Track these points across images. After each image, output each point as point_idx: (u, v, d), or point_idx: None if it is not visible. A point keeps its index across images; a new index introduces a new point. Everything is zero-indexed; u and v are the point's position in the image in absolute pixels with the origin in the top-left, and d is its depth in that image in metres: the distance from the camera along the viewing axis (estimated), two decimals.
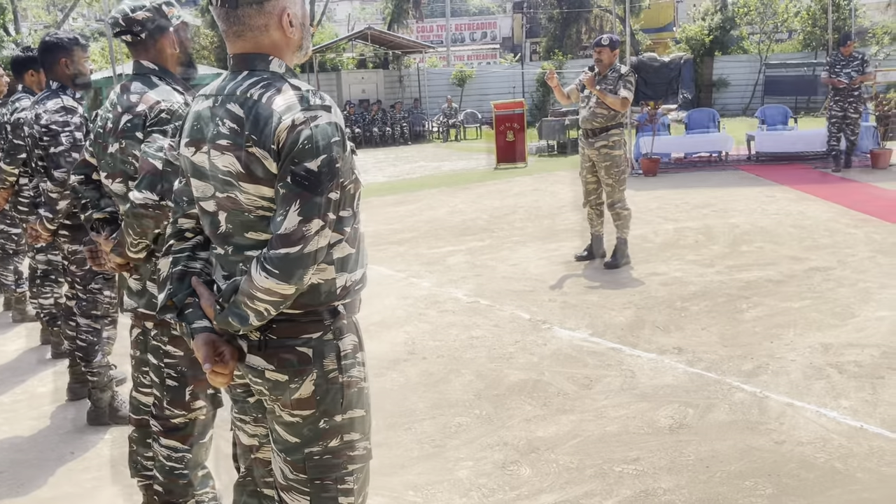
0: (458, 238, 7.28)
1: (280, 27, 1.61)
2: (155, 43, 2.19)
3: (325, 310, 1.64)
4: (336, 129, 1.53)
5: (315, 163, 1.49)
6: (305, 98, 1.52)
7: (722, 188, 9.31)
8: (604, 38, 5.76)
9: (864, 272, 5.28)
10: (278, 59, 1.62)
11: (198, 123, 1.64)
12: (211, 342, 1.61)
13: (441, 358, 4.11)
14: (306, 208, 1.48)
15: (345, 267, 1.66)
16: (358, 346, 1.73)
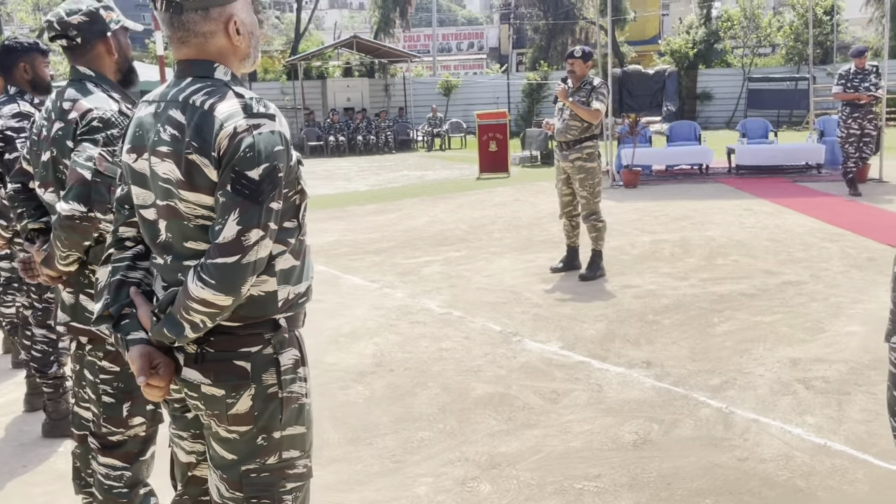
0: (435, 248, 7.24)
1: (226, 34, 1.58)
2: (91, 48, 2.14)
3: (266, 323, 1.60)
4: (280, 138, 1.51)
5: (256, 171, 1.46)
6: (249, 106, 1.49)
7: (701, 201, 9.33)
8: (576, 49, 5.76)
9: (837, 287, 5.28)
10: (224, 67, 1.59)
11: (139, 130, 1.60)
12: (146, 354, 1.57)
13: (408, 370, 4.06)
14: (246, 217, 1.45)
15: (288, 279, 1.62)
16: (300, 360, 1.68)
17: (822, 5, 23.56)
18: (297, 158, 1.60)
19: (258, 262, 1.49)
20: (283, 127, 1.52)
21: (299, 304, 1.66)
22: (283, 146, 1.50)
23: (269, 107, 1.52)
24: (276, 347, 1.61)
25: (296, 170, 1.58)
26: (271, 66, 27.30)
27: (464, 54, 38.27)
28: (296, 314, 1.66)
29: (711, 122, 23.48)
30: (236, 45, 1.60)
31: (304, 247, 1.68)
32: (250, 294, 1.55)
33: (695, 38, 25.25)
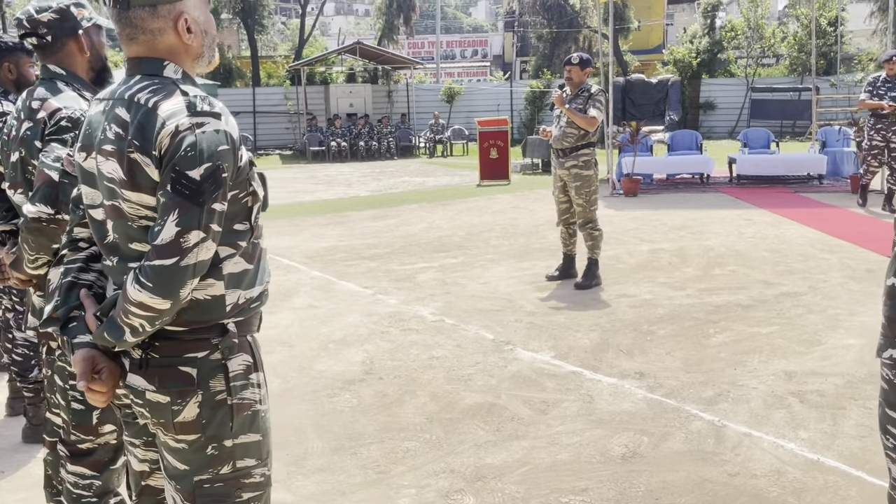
0: (431, 255, 7.19)
1: (176, 32, 1.54)
2: (62, 46, 2.10)
3: (213, 328, 1.55)
4: (225, 137, 1.46)
5: (197, 171, 1.42)
6: (193, 104, 1.45)
7: (700, 210, 9.28)
8: (574, 56, 5.72)
9: (835, 298, 5.22)
10: (174, 65, 1.55)
11: (89, 128, 1.57)
12: (89, 358, 1.53)
13: (398, 378, 4.00)
14: (185, 218, 1.41)
15: (238, 283, 1.58)
16: (253, 366, 1.63)
17: (826, 16, 23.53)
18: (249, 159, 1.56)
19: (198, 265, 1.45)
20: (229, 126, 1.48)
21: (251, 308, 1.62)
22: (229, 146, 1.47)
23: (214, 105, 1.48)
24: (224, 353, 1.56)
25: (247, 171, 1.54)
26: (275, 72, 27.36)
27: (468, 61, 38.31)
28: (248, 319, 1.62)
29: (714, 132, 23.43)
30: (188, 44, 1.56)
31: (259, 250, 1.64)
32: (195, 298, 1.52)
33: (698, 47, 25.22)
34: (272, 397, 3.75)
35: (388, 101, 24.49)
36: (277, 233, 8.69)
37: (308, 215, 10.06)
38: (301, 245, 7.86)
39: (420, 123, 23.19)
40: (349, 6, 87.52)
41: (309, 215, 10.06)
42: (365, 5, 74.88)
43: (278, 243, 8.00)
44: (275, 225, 9.29)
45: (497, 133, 13.55)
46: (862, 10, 26.83)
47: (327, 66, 25.51)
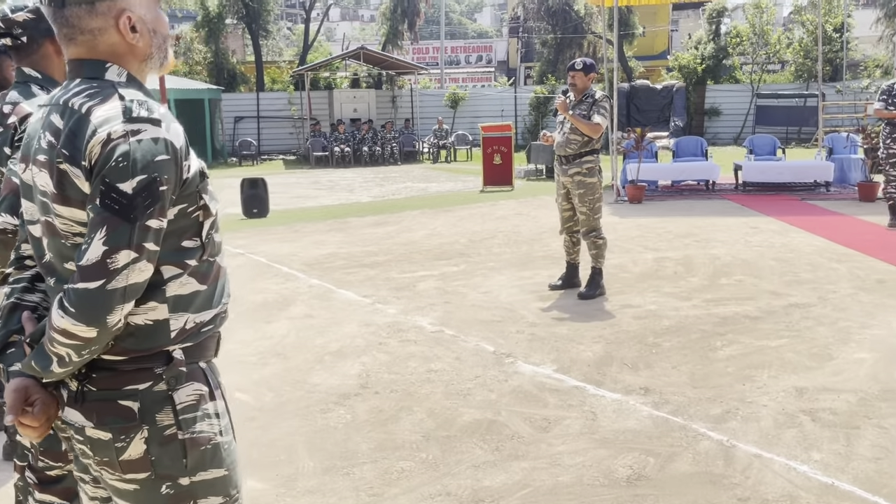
0: (432, 262, 7.06)
1: (118, 31, 1.40)
2: (38, 48, 1.98)
3: (156, 356, 1.41)
4: (165, 146, 1.32)
5: (129, 184, 1.27)
6: (129, 108, 1.32)
7: (706, 217, 9.14)
8: (577, 62, 5.60)
9: (845, 310, 5.08)
10: (117, 67, 1.42)
11: (28, 138, 1.44)
12: (23, 388, 1.39)
13: (394, 393, 3.87)
14: (114, 236, 1.27)
15: (186, 306, 1.43)
16: (208, 395, 1.48)
17: (832, 22, 23.39)
18: (200, 169, 1.42)
19: (129, 288, 1.30)
20: (170, 134, 1.34)
21: (202, 332, 1.47)
22: (169, 155, 1.32)
23: (153, 110, 1.34)
24: (170, 383, 1.42)
25: (196, 182, 1.40)
26: (279, 77, 27.32)
27: (472, 67, 38.26)
28: (199, 344, 1.47)
29: (719, 138, 23.29)
30: (132, 44, 1.43)
31: (215, 269, 1.49)
32: (134, 324, 1.37)
33: (703, 53, 25.09)
34: (265, 412, 3.65)
35: (393, 107, 24.43)
36: (278, 239, 8.59)
37: (309, 221, 9.95)
38: (301, 252, 7.75)
39: (424, 129, 23.10)
40: (354, 12, 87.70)
41: (310, 221, 9.95)
42: (370, 11, 74.99)
43: (278, 250, 7.89)
44: (275, 231, 9.18)
45: (501, 139, 13.44)
46: (868, 17, 26.68)
47: (331, 72, 25.47)
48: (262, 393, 3.91)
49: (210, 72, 25.46)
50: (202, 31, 25.48)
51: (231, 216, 10.50)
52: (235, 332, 4.98)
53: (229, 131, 23.70)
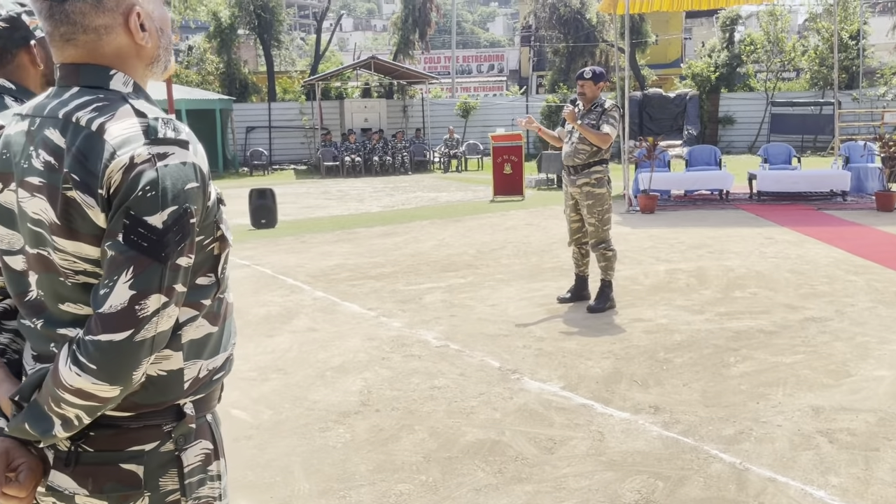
0: (439, 274, 6.96)
1: (127, 30, 1.21)
2: (12, 58, 1.89)
3: (166, 411, 1.24)
4: (195, 172, 1.15)
5: (159, 217, 1.10)
6: (153, 128, 1.13)
7: (720, 228, 8.99)
8: (586, 70, 5.49)
9: (864, 324, 4.92)
10: (123, 74, 1.22)
11: (7, 152, 1.22)
12: (3, 452, 1.20)
13: (395, 411, 3.76)
14: (142, 278, 1.09)
15: (200, 352, 1.26)
16: (213, 454, 1.32)
17: (848, 30, 23.17)
18: (218, 196, 1.25)
19: (158, 337, 1.13)
20: (198, 157, 1.17)
21: (213, 381, 1.31)
22: (199, 182, 1.15)
23: (180, 130, 1.16)
24: (178, 442, 1.25)
25: (215, 211, 1.23)
26: (291, 87, 27.40)
27: (484, 76, 38.25)
28: (209, 394, 1.32)
29: (734, 147, 23.09)
30: (141, 45, 1.23)
31: (225, 307, 1.32)
32: (147, 376, 1.19)
33: (717, 61, 24.92)
34: (263, 431, 3.55)
35: (403, 116, 24.42)
36: (285, 250, 8.52)
37: (317, 232, 9.88)
38: (307, 264, 7.67)
39: (435, 138, 23.07)
40: (367, 22, 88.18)
41: (318, 232, 9.88)
42: (383, 21, 75.40)
43: (284, 261, 7.82)
44: (283, 242, 9.12)
45: (511, 148, 13.34)
46: (884, 24, 26.44)
47: (343, 81, 25.52)
48: (260, 410, 3.81)
49: (222, 82, 25.58)
50: (214, 41, 25.62)
51: (239, 227, 10.47)
52: (237, 346, 4.90)
53: (241, 141, 23.77)
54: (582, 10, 25.84)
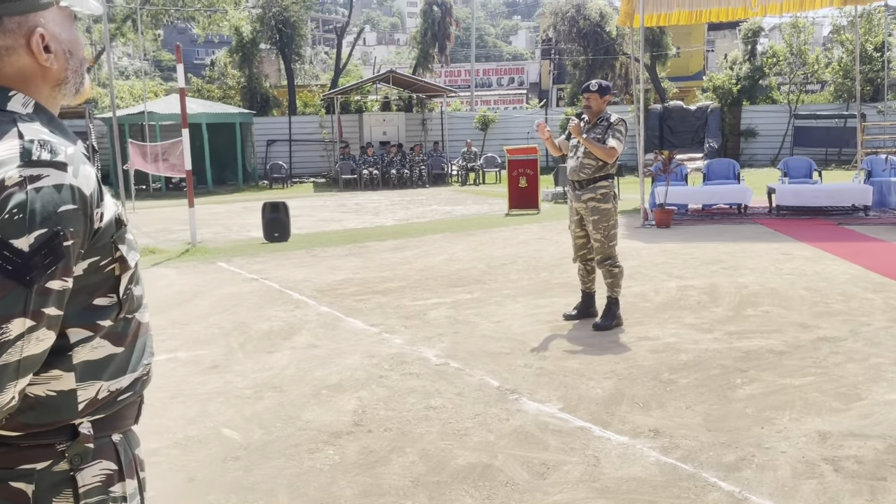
0: (446, 289, 6.89)
1: (29, 52, 1.21)
2: None
3: (60, 431, 1.21)
4: (71, 194, 1.13)
5: (25, 240, 1.08)
6: (27, 151, 1.11)
7: (736, 243, 8.82)
8: (592, 83, 5.40)
9: (878, 345, 4.76)
10: (24, 96, 1.21)
11: None
12: None
13: (388, 432, 3.69)
14: (5, 302, 1.07)
15: (98, 373, 1.24)
16: (116, 475, 1.27)
17: (873, 41, 22.82)
18: (117, 216, 1.23)
19: (24, 362, 1.10)
20: (78, 179, 1.15)
21: (118, 402, 1.28)
22: (75, 205, 1.13)
23: (57, 152, 1.14)
24: (73, 462, 1.22)
25: (112, 232, 1.22)
26: (311, 101, 27.62)
27: (504, 89, 38.25)
28: (114, 415, 1.28)
29: (756, 160, 22.79)
30: (45, 67, 1.23)
31: (134, 328, 1.30)
32: (34, 395, 1.17)
33: (739, 73, 24.67)
34: (252, 451, 3.48)
35: (422, 129, 24.47)
36: (294, 264, 8.51)
37: (328, 246, 9.86)
38: (315, 278, 7.64)
39: (453, 151, 23.06)
40: (390, 36, 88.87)
41: (329, 246, 9.86)
42: (406, 35, 75.92)
43: (292, 275, 7.80)
44: (293, 256, 9.11)
45: (526, 161, 13.27)
46: None
47: (362, 95, 25.65)
48: (251, 430, 3.76)
49: (243, 96, 25.84)
50: (236, 56, 25.91)
51: (252, 240, 10.49)
52: (235, 363, 4.87)
53: (261, 154, 23.95)
54: (601, 24, 25.76)
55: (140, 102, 23.74)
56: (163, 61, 58.67)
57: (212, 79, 27.19)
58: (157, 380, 1.42)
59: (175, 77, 13.30)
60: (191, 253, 9.52)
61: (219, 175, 21.78)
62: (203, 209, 14.25)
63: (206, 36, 29.27)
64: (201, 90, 26.65)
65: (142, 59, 27.02)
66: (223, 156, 21.74)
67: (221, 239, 10.80)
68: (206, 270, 8.30)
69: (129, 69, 53.93)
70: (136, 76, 37.17)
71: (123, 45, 29.43)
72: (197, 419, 3.91)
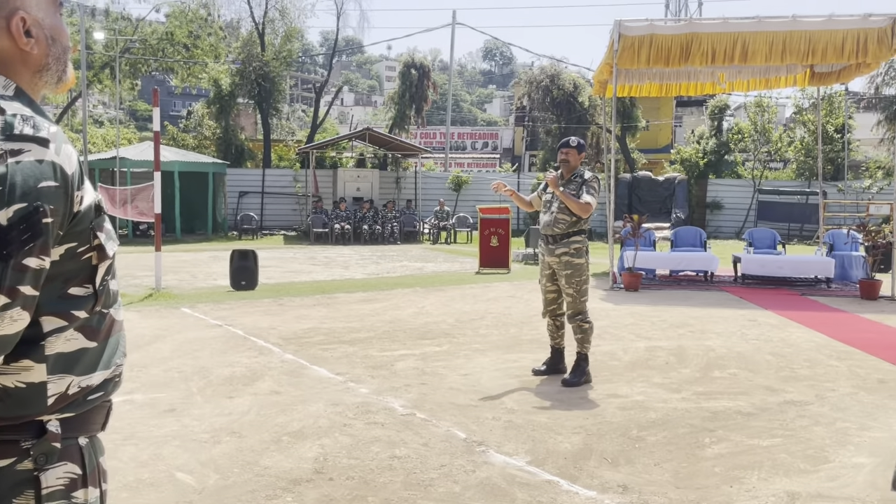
0: (414, 342, 6.80)
1: (9, 34, 1.19)
2: None
3: (25, 426, 1.16)
4: (53, 170, 1.11)
5: (4, 213, 1.05)
6: (9, 124, 1.10)
7: (702, 308, 8.90)
8: (571, 139, 5.51)
9: (844, 410, 4.77)
10: (3, 78, 1.20)
11: None
12: None
13: (350, 480, 3.56)
14: None
15: (69, 367, 1.19)
16: (80, 480, 1.22)
17: (833, 123, 23.76)
18: (96, 203, 1.21)
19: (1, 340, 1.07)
20: (60, 157, 1.12)
21: (88, 401, 1.23)
22: (56, 182, 1.10)
23: (39, 127, 1.12)
24: (37, 461, 1.17)
25: (91, 218, 1.19)
26: (286, 154, 27.74)
27: (478, 153, 38.90)
28: (83, 415, 1.23)
29: (721, 232, 23.29)
30: (25, 51, 1.21)
31: (108, 323, 1.26)
32: (2, 387, 1.13)
33: (706, 147, 25.42)
34: (205, 497, 3.32)
35: (396, 187, 24.64)
36: (261, 312, 8.36)
37: (296, 295, 9.73)
38: (281, 326, 7.50)
39: (426, 210, 23.20)
40: (368, 98, 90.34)
41: (297, 295, 9.73)
42: (383, 97, 77.30)
43: (258, 323, 7.65)
44: (260, 304, 8.96)
45: (498, 221, 13.38)
46: (868, 119, 27.14)
47: (338, 151, 25.85)
48: (207, 474, 3.60)
49: (218, 147, 25.86)
50: (213, 107, 26.03)
51: (219, 288, 10.32)
52: (193, 406, 4.70)
53: (233, 205, 23.83)
54: (575, 94, 26.49)
55: (113, 148, 23.63)
56: (138, 111, 58.74)
57: (188, 128, 27.20)
58: (110, 421, 1.34)
59: (150, 127, 13.28)
60: (154, 297, 9.31)
61: (188, 224, 21.58)
62: (169, 256, 14.04)
63: (183, 88, 29.48)
64: (176, 138, 26.63)
65: (117, 108, 26.96)
66: (194, 205, 21.59)
67: (187, 286, 10.61)
68: (169, 315, 8.11)
69: (104, 117, 53.85)
70: (111, 123, 37.07)
71: (100, 92, 29.40)
72: (150, 462, 3.74)
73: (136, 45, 25.28)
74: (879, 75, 24.18)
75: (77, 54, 18.80)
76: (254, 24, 26.50)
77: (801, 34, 10.12)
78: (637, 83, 13.78)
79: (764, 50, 10.20)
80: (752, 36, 10.22)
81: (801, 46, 10.12)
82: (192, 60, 25.79)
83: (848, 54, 10.15)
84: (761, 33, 10.23)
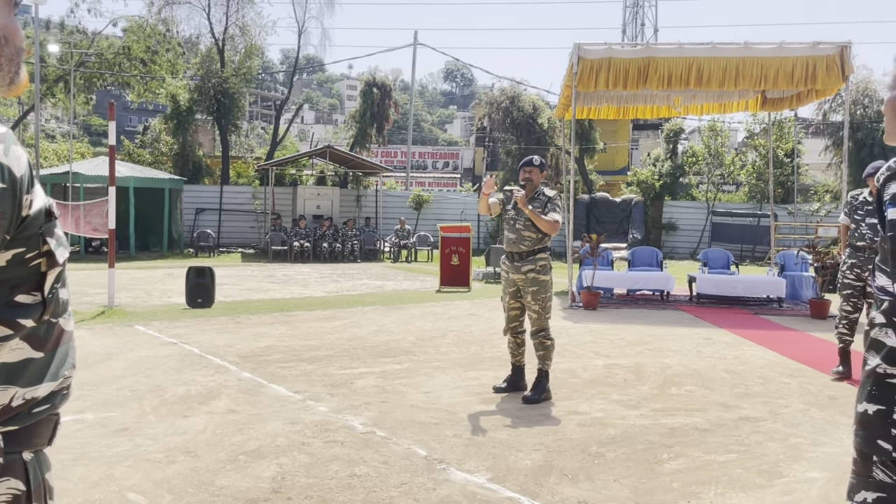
0: (375, 359, 6.74)
1: None
2: None
3: None
4: (0, 171, 1.06)
5: None
6: None
7: (659, 326, 9.03)
8: (534, 158, 5.57)
9: (797, 426, 4.87)
10: None
11: None
12: None
13: (308, 499, 3.49)
14: None
15: (13, 378, 1.15)
16: (23, 497, 1.17)
17: (784, 148, 24.49)
18: (47, 207, 1.17)
19: None
20: (9, 158, 1.08)
21: (33, 414, 1.18)
22: (5, 184, 1.07)
23: None
24: None
25: (40, 223, 1.15)
26: (245, 171, 27.43)
27: (439, 172, 39.06)
28: (28, 428, 1.18)
29: (676, 252, 23.73)
30: None
31: (56, 333, 1.22)
32: None
33: (661, 170, 25.96)
34: None
35: (357, 205, 24.55)
36: (217, 330, 8.20)
37: (254, 313, 9.59)
38: (238, 344, 7.37)
39: (387, 229, 23.15)
40: (329, 116, 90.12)
41: (255, 313, 9.58)
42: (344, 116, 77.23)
43: (214, 341, 7.50)
44: (216, 322, 8.80)
45: (459, 239, 13.41)
46: (817, 145, 28.06)
47: (298, 169, 25.67)
48: (160, 495, 3.50)
49: (175, 163, 25.46)
50: (171, 122, 25.66)
51: (174, 305, 10.11)
52: (146, 426, 4.58)
53: (189, 222, 23.44)
54: (534, 115, 26.83)
55: (65, 163, 23.09)
56: (93, 125, 57.54)
57: (144, 143, 26.73)
58: (59, 441, 1.29)
59: (104, 142, 13.02)
60: (107, 315, 9.08)
61: (143, 241, 21.14)
62: (123, 274, 13.72)
63: (140, 103, 29.00)
64: (132, 154, 26.14)
65: (70, 123, 26.38)
66: (149, 221, 21.17)
67: (141, 303, 10.37)
68: (122, 333, 7.90)
69: (57, 131, 52.66)
70: (64, 138, 36.25)
71: (53, 106, 28.75)
72: (101, 482, 3.62)
73: (92, 59, 24.83)
74: (826, 102, 25.00)
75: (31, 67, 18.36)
76: (214, 41, 26.28)
77: (753, 60, 10.45)
78: (595, 105, 14.04)
79: (718, 75, 10.50)
80: (707, 61, 10.51)
81: (753, 72, 10.44)
82: (149, 76, 25.42)
83: (797, 81, 10.50)
84: (715, 59, 10.53)
